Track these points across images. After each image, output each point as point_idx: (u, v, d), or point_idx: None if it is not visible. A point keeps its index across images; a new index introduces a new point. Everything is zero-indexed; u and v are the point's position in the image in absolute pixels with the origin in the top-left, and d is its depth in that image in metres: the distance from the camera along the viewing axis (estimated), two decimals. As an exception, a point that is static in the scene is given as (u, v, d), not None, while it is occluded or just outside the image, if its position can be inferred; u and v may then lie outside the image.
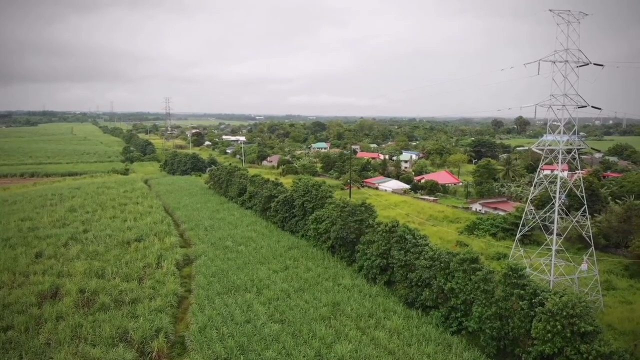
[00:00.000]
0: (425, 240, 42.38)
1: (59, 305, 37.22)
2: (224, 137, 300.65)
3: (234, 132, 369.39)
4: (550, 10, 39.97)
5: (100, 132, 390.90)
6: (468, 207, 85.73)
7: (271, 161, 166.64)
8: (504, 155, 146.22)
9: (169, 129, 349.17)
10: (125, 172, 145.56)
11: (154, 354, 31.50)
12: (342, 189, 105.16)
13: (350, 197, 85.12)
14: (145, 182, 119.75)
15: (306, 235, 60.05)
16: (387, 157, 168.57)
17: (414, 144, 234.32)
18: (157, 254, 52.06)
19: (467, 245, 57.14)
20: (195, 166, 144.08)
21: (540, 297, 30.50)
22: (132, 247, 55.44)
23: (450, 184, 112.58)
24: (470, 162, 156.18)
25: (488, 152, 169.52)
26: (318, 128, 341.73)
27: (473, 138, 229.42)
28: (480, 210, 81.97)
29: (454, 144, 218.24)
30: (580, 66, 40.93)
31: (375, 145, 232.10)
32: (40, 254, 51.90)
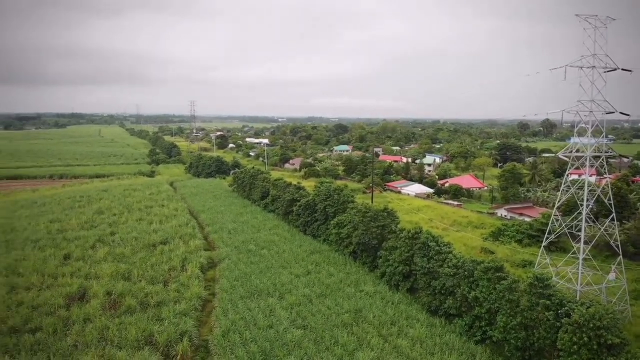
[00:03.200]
0: (449, 248, 42.02)
1: (86, 308, 38.03)
2: (247, 139, 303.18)
3: (257, 134, 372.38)
4: (576, 15, 39.24)
5: (127, 134, 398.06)
6: (493, 213, 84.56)
7: (293, 164, 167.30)
8: (530, 159, 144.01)
9: (194, 131, 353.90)
10: (151, 174, 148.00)
11: (178, 357, 31.98)
12: (364, 192, 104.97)
13: (372, 201, 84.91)
14: (171, 184, 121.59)
15: (328, 239, 60.15)
16: (410, 160, 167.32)
17: (438, 146, 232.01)
18: (182, 257, 52.80)
19: (492, 252, 56.53)
20: (220, 169, 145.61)
21: (566, 308, 30.01)
22: (158, 249, 56.26)
23: (474, 188, 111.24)
24: (495, 165, 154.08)
25: (514, 156, 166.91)
26: (340, 130, 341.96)
27: (498, 141, 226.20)
28: (505, 215, 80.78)
29: (478, 146, 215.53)
30: (608, 71, 40.07)
31: (397, 148, 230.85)
32: (68, 255, 53.08)
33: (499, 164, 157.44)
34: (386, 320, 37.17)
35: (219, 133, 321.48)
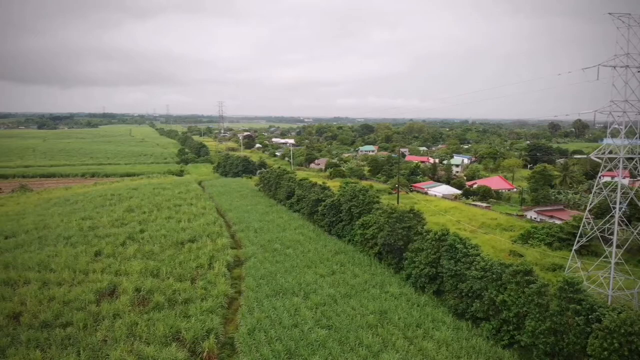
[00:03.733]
0: (476, 250, 41.43)
1: (116, 304, 38.90)
2: (273, 139, 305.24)
3: (283, 134, 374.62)
4: (609, 13, 38.16)
5: (157, 134, 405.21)
6: (522, 215, 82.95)
7: (319, 164, 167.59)
8: (561, 161, 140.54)
9: (222, 131, 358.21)
10: (180, 173, 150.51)
11: (204, 354, 32.43)
12: (389, 193, 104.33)
13: (398, 202, 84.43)
14: (199, 183, 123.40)
15: (353, 240, 60.06)
16: (437, 160, 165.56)
17: (466, 147, 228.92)
18: (209, 255, 53.52)
19: (521, 256, 55.46)
20: (246, 168, 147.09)
21: (597, 313, 29.31)
22: (186, 247, 57.18)
23: (503, 190, 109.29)
24: (525, 167, 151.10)
25: (544, 157, 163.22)
26: (366, 131, 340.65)
27: (528, 142, 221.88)
28: (535, 218, 79.14)
29: (508, 147, 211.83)
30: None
31: (424, 149, 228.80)
32: (99, 252, 54.37)
33: (529, 165, 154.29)
34: (411, 322, 36.91)
35: (246, 133, 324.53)
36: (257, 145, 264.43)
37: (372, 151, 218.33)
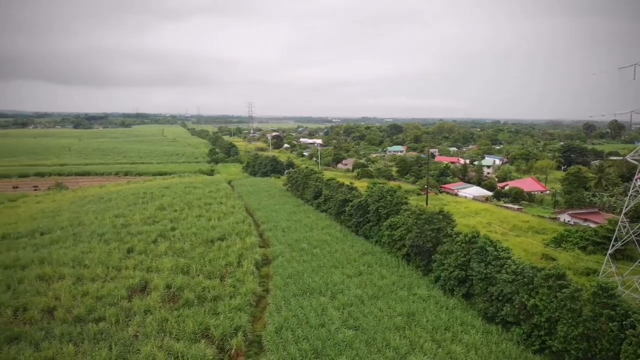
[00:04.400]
0: (507, 253, 40.67)
1: (147, 300, 39.68)
2: (301, 140, 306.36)
3: (311, 134, 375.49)
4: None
5: (188, 134, 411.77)
6: (555, 218, 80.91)
7: (346, 164, 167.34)
8: (597, 162, 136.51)
9: (251, 131, 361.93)
10: (211, 173, 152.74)
11: (232, 351, 32.80)
12: (418, 194, 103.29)
13: (427, 203, 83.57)
14: (229, 182, 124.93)
15: (380, 241, 59.73)
16: (467, 161, 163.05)
17: (498, 148, 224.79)
18: (238, 253, 54.09)
19: (554, 259, 54.17)
20: (275, 168, 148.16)
21: (632, 319, 28.41)
22: (216, 245, 57.90)
23: (536, 192, 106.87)
24: (558, 168, 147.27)
25: (578, 159, 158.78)
26: (394, 131, 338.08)
27: (562, 143, 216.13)
28: (568, 221, 77.09)
29: (541, 148, 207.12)
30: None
31: (455, 149, 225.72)
32: (131, 249, 55.51)
33: (562, 167, 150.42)
34: (440, 325, 36.48)
35: (274, 133, 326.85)
36: (285, 145, 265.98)
37: (401, 151, 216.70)
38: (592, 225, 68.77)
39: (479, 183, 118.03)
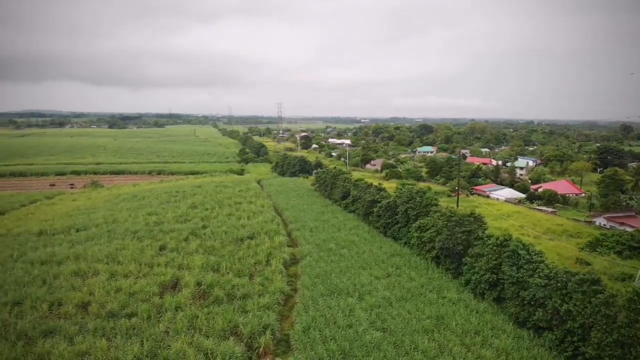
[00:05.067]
0: (540, 257, 39.72)
1: (178, 296, 40.28)
2: (329, 140, 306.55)
3: (339, 135, 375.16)
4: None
5: (219, 134, 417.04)
6: (591, 221, 78.58)
7: (375, 165, 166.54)
8: (634, 164, 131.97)
9: (280, 132, 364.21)
10: (241, 172, 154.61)
11: (260, 349, 33.08)
12: (448, 196, 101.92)
13: (457, 205, 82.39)
14: (258, 182, 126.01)
15: (409, 243, 59.15)
16: (500, 163, 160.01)
17: (531, 149, 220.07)
18: (267, 252, 54.48)
19: (589, 264, 52.66)
20: (303, 168, 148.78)
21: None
22: (245, 244, 58.45)
23: (571, 195, 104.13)
24: (594, 170, 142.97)
25: (615, 160, 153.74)
26: (424, 131, 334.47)
27: (598, 144, 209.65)
28: (604, 224, 74.76)
29: (576, 150, 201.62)
30: None
31: (487, 150, 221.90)
32: (163, 247, 56.53)
33: (598, 169, 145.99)
34: (470, 329, 35.89)
35: (303, 134, 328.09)
36: (314, 145, 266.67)
37: (431, 152, 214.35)
38: (629, 229, 66.60)
39: (511, 185, 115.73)
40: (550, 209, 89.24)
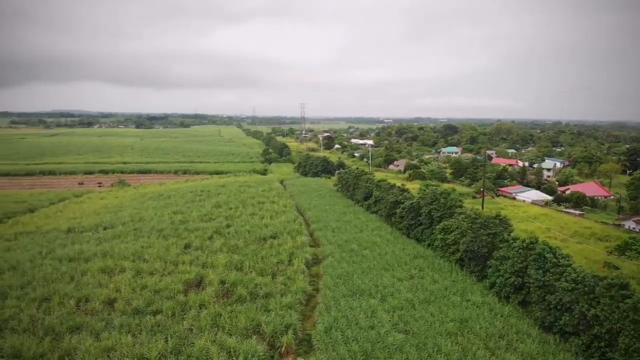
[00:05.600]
0: (567, 260, 38.88)
1: (202, 294, 40.73)
2: (352, 140, 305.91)
3: (362, 135, 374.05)
4: None
5: (244, 134, 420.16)
6: (619, 224, 76.59)
7: (398, 165, 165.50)
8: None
9: (303, 132, 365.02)
10: (264, 172, 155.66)
11: (282, 349, 33.23)
12: (473, 197, 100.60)
13: (482, 207, 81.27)
14: (281, 182, 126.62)
15: (432, 245, 58.60)
16: (526, 164, 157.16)
17: (559, 150, 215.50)
18: (289, 252, 54.69)
19: (617, 268, 51.40)
20: (325, 169, 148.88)
21: None
22: (268, 243, 58.78)
23: (599, 197, 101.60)
24: (624, 172, 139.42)
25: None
26: (449, 131, 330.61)
27: (628, 145, 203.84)
28: (634, 228, 72.75)
29: (605, 151, 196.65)
30: None
31: (513, 151, 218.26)
32: (188, 245, 57.23)
33: (628, 171, 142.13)
34: (494, 332, 35.37)
35: (325, 134, 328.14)
36: (337, 145, 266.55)
37: (456, 153, 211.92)
38: (662, 234, 64.61)
39: (538, 187, 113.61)
40: (578, 212, 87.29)
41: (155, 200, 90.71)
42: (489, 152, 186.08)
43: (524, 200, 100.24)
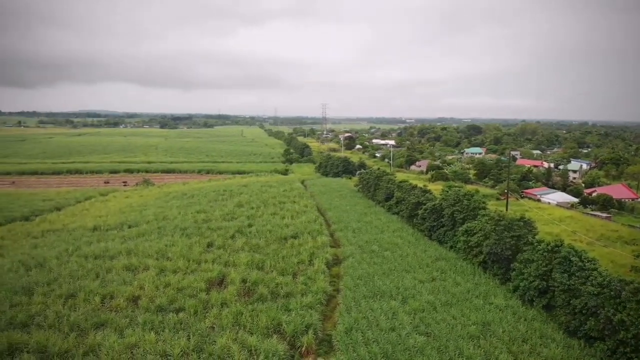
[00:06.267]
0: (593, 264, 38.05)
1: (224, 293, 41.08)
2: (373, 140, 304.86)
3: (383, 135, 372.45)
4: None
5: (265, 134, 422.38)
6: (649, 228, 74.54)
7: (420, 166, 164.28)
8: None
9: (325, 132, 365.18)
10: (285, 172, 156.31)
11: (303, 349, 33.33)
12: (497, 199, 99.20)
13: (507, 209, 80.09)
14: (302, 182, 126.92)
15: (455, 247, 57.96)
16: (552, 165, 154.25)
17: (585, 151, 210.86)
18: (309, 252, 54.71)
19: (647, 273, 49.96)
20: (346, 169, 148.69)
21: None
22: (289, 243, 58.94)
23: (627, 200, 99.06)
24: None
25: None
26: (472, 132, 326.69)
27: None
28: (665, 232, 70.70)
29: (633, 152, 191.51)
30: None
31: (538, 152, 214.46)
32: (211, 244, 57.74)
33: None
34: (517, 336, 34.81)
35: (347, 134, 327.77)
36: (358, 146, 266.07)
37: (480, 153, 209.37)
38: (694, 238, 62.64)
39: (564, 189, 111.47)
40: (604, 214, 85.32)
41: (178, 200, 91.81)
42: (513, 152, 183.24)
43: (549, 203, 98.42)
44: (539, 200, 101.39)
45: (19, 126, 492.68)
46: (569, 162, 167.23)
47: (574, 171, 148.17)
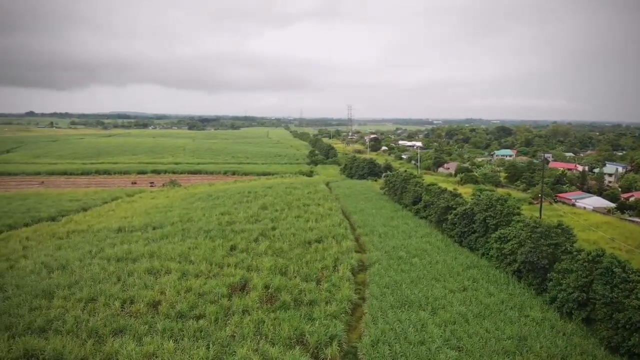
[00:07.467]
0: (638, 276, 35.37)
1: (246, 299, 39.66)
2: (400, 142, 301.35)
3: (410, 137, 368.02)
4: None
5: (291, 136, 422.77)
6: (695, 236, 70.31)
7: (448, 168, 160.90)
8: None
9: (350, 134, 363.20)
10: (310, 174, 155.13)
11: (327, 361, 31.70)
12: (530, 203, 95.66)
13: (540, 214, 76.91)
14: (327, 184, 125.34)
15: (487, 254, 55.33)
16: (586, 168, 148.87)
17: (620, 154, 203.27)
18: (334, 257, 52.97)
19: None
20: (372, 171, 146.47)
21: None
22: (312, 247, 57.31)
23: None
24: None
25: None
26: (502, 133, 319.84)
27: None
28: None
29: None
30: None
31: (571, 155, 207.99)
32: (234, 247, 56.39)
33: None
34: (555, 353, 32.46)
35: (372, 136, 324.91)
36: (383, 147, 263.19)
37: (510, 156, 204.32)
38: None
39: (599, 193, 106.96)
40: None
41: (204, 201, 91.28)
42: (545, 155, 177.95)
43: (584, 207, 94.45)
44: (573, 205, 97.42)
45: (52, 127, 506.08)
46: (604, 165, 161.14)
47: (610, 174, 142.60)
